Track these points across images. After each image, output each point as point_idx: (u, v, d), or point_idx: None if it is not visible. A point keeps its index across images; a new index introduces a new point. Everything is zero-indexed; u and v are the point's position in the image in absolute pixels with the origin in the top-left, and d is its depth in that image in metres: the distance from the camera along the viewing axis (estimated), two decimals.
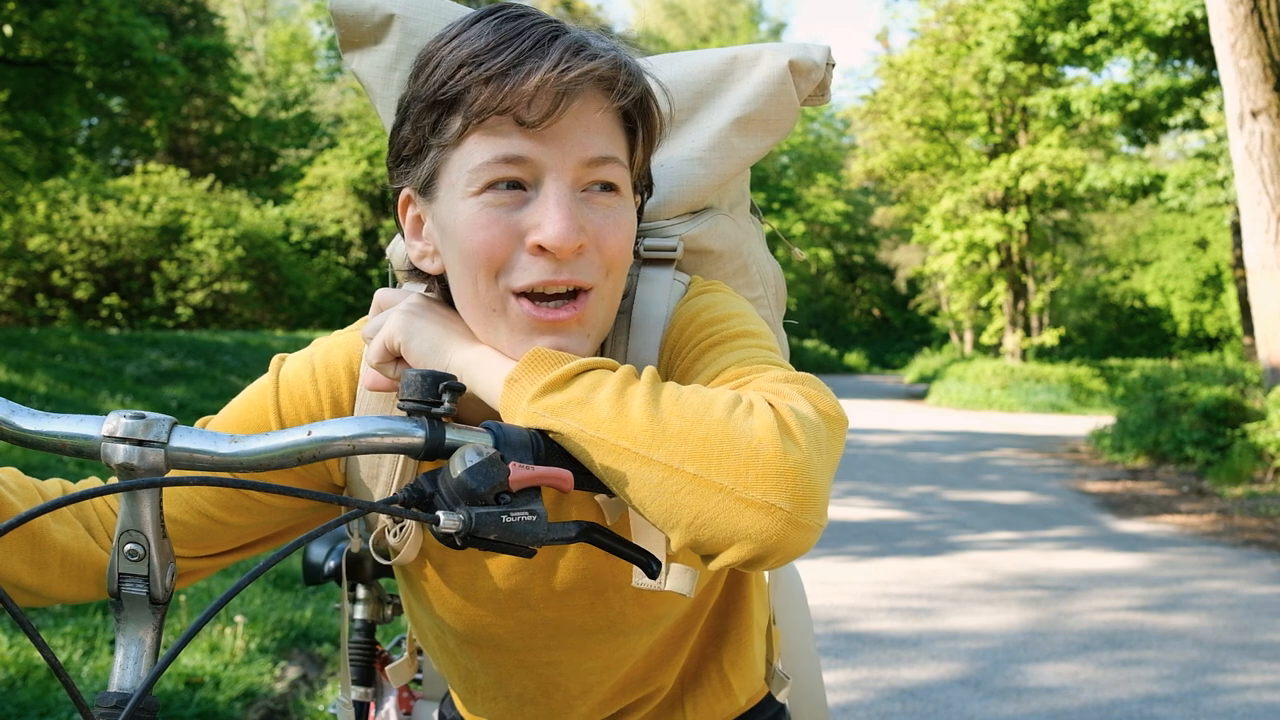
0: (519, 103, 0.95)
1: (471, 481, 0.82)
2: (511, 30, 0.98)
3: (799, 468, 0.85)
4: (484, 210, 0.98)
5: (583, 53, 0.97)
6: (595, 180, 1.00)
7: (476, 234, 0.98)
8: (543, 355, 0.94)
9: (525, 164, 0.97)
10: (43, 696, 3.43)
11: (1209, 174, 16.79)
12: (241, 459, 0.85)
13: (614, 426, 0.87)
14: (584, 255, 0.99)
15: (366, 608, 1.98)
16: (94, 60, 15.04)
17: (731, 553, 0.86)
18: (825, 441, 0.89)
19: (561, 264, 0.98)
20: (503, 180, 0.98)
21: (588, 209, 0.99)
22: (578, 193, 0.99)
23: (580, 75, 0.95)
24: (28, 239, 22.26)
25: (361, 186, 28.57)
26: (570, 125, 0.98)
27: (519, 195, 0.98)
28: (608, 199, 1.01)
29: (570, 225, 0.96)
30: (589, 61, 0.96)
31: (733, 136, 1.20)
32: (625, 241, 1.02)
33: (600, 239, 1.00)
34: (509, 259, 0.98)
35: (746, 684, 1.33)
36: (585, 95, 0.98)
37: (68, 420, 0.86)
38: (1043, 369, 24.12)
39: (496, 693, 1.24)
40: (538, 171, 0.98)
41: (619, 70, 0.99)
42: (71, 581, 1.04)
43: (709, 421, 0.87)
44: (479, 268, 0.99)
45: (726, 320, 1.06)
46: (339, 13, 1.21)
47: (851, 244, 43.86)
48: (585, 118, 0.98)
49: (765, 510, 0.84)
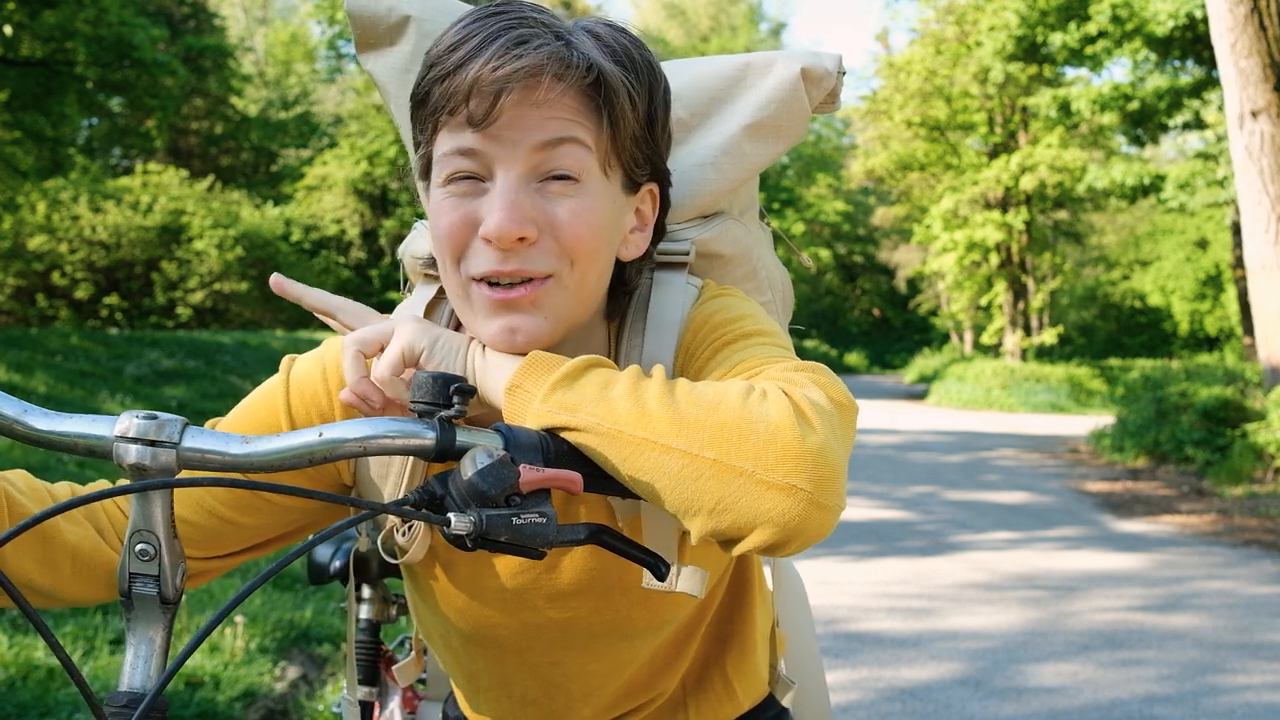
0: (460, 101, 0.98)
1: (482, 483, 0.82)
2: (474, 29, 1.00)
3: (818, 449, 0.85)
4: (446, 199, 1.02)
5: (517, 49, 0.97)
6: (550, 170, 1.01)
7: (440, 221, 1.03)
8: (541, 358, 0.95)
9: (477, 156, 1.00)
10: (43, 696, 3.44)
11: (1209, 174, 16.79)
12: (253, 460, 0.86)
13: (631, 419, 0.88)
14: (537, 245, 1.00)
15: (371, 607, 1.98)
16: (94, 60, 15.03)
17: (754, 537, 0.86)
18: (839, 426, 0.90)
19: (508, 254, 1.00)
20: (460, 173, 1.01)
21: (542, 199, 1.01)
22: (533, 183, 1.01)
23: (511, 72, 0.97)
24: (28, 239, 22.26)
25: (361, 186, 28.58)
26: (515, 116, 0.99)
27: (476, 186, 1.01)
28: (564, 187, 1.01)
29: (509, 216, 0.98)
30: (518, 60, 0.97)
31: (744, 142, 1.21)
32: (583, 228, 1.01)
33: (555, 228, 1.00)
34: (465, 246, 1.02)
35: (750, 688, 1.33)
36: (521, 89, 0.98)
37: (80, 420, 0.86)
38: (1043, 369, 24.11)
39: (500, 693, 1.25)
40: (489, 163, 1.01)
41: (548, 62, 0.98)
42: (82, 582, 1.04)
43: (726, 408, 0.87)
44: (444, 254, 1.03)
45: (739, 320, 1.08)
46: (356, 14, 1.22)
47: (851, 244, 43.86)
48: (531, 108, 0.99)
49: (787, 492, 0.84)
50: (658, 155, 1.09)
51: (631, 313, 1.13)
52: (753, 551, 0.88)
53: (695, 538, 0.89)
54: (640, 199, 1.10)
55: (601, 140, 1.03)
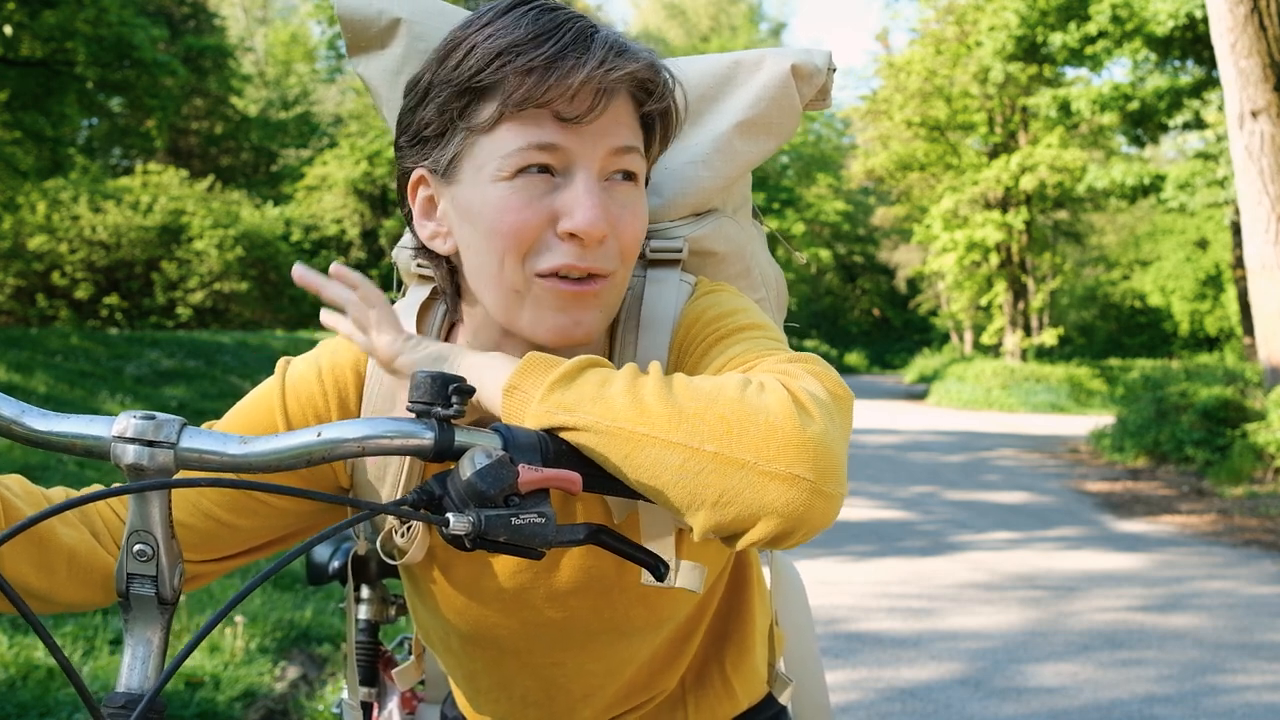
0: (561, 96, 0.98)
1: (481, 484, 0.82)
2: (550, 23, 0.99)
3: (818, 439, 0.86)
4: (515, 194, 1.00)
5: (625, 53, 1.00)
6: (618, 169, 1.03)
7: (507, 216, 1.00)
8: (538, 359, 0.95)
9: (558, 152, 1.00)
10: (43, 696, 3.43)
11: (1209, 174, 16.78)
12: (251, 460, 0.85)
13: (630, 415, 0.88)
14: (605, 243, 1.02)
15: (370, 608, 1.98)
16: (94, 60, 15.04)
17: (759, 529, 0.86)
18: (837, 415, 0.91)
19: (586, 250, 1.01)
20: (534, 165, 1.00)
21: (609, 198, 1.03)
22: (602, 181, 1.02)
23: (623, 75, 0.99)
24: (28, 239, 22.27)
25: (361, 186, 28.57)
26: (605, 120, 1.01)
27: (549, 180, 1.01)
28: (627, 188, 1.04)
29: (600, 214, 1.00)
30: (631, 62, 1.00)
31: (735, 140, 1.21)
32: (640, 231, 1.05)
33: (619, 227, 1.03)
34: (537, 242, 1.01)
35: (749, 686, 1.33)
36: (623, 94, 1.02)
37: (77, 420, 0.86)
38: (1043, 369, 24.11)
39: (499, 694, 1.25)
40: (569, 160, 1.01)
41: (656, 73, 1.03)
42: (79, 585, 1.04)
43: (724, 401, 0.88)
44: (508, 249, 1.01)
45: (732, 315, 1.08)
46: (346, 17, 1.21)
47: (851, 244, 43.85)
48: (617, 113, 1.02)
49: (790, 481, 0.84)
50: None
51: (624, 311, 1.13)
52: (757, 544, 0.88)
53: (699, 534, 0.89)
54: None
55: (652, 148, 1.08)
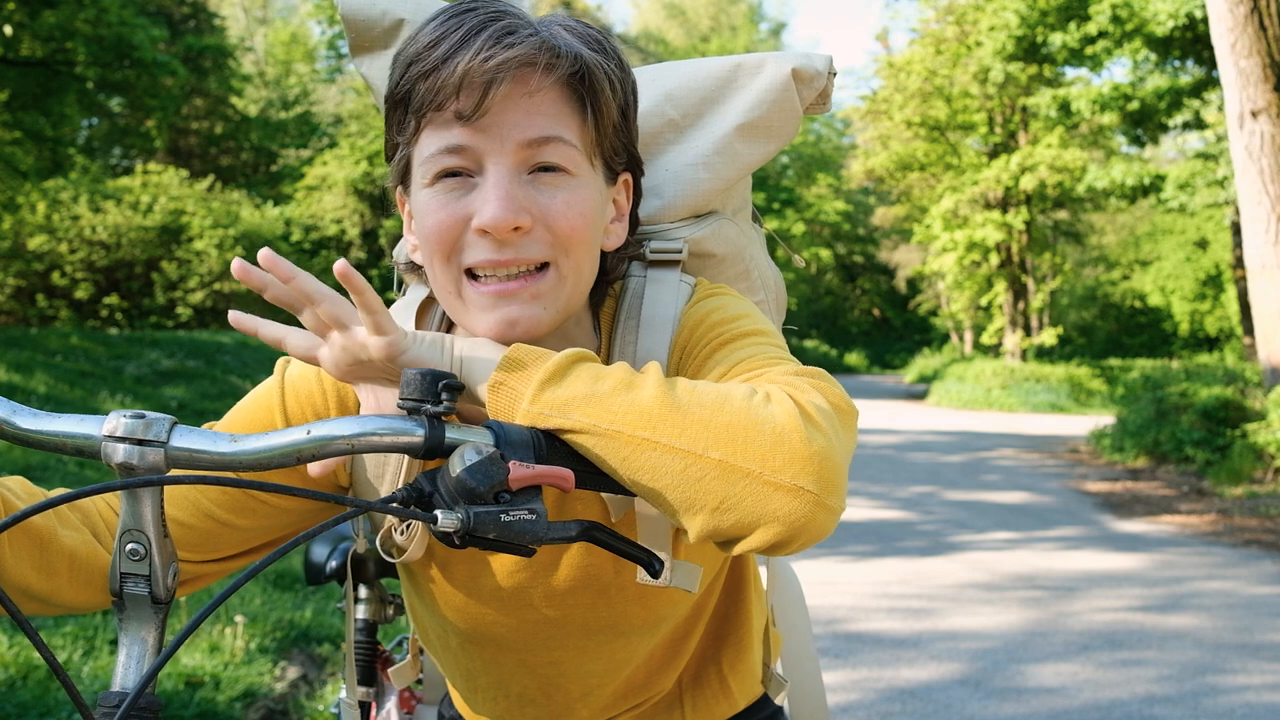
0: (449, 96, 0.99)
1: (470, 480, 0.82)
2: (452, 25, 1.01)
3: (823, 452, 0.86)
4: (434, 198, 1.03)
5: (505, 39, 0.99)
6: (539, 163, 1.02)
7: (428, 219, 1.03)
8: (521, 352, 0.94)
9: (466, 152, 1.01)
10: (43, 696, 3.43)
11: (1209, 174, 16.78)
12: (241, 458, 0.85)
13: (629, 418, 0.88)
14: (531, 234, 1.01)
15: (368, 608, 1.98)
16: (94, 60, 15.05)
17: (757, 536, 0.87)
18: (842, 430, 0.91)
19: (504, 244, 1.01)
20: (448, 170, 1.02)
21: (533, 190, 1.02)
22: (522, 175, 1.02)
23: (501, 62, 0.98)
24: (28, 239, 22.26)
25: (361, 186, 28.58)
26: (504, 110, 1.00)
27: (466, 182, 1.02)
28: (554, 179, 1.03)
29: (504, 206, 0.99)
30: (510, 49, 0.99)
31: (736, 142, 1.22)
32: (577, 219, 1.03)
33: (547, 218, 1.02)
34: (458, 241, 1.02)
35: (745, 687, 1.33)
36: (512, 80, 1.00)
37: (68, 420, 0.86)
38: (1043, 369, 24.11)
39: (497, 693, 1.25)
40: (479, 158, 1.01)
41: (540, 52, 1.00)
42: (80, 587, 1.04)
43: (730, 410, 0.88)
44: (434, 251, 1.03)
45: (735, 320, 1.08)
46: (350, 17, 1.22)
47: (851, 244, 43.85)
48: (517, 102, 1.01)
49: (794, 493, 0.85)
50: (632, 144, 1.12)
51: (624, 310, 1.13)
52: (753, 551, 0.88)
53: (694, 537, 0.89)
54: (617, 190, 1.12)
55: (586, 133, 1.05)
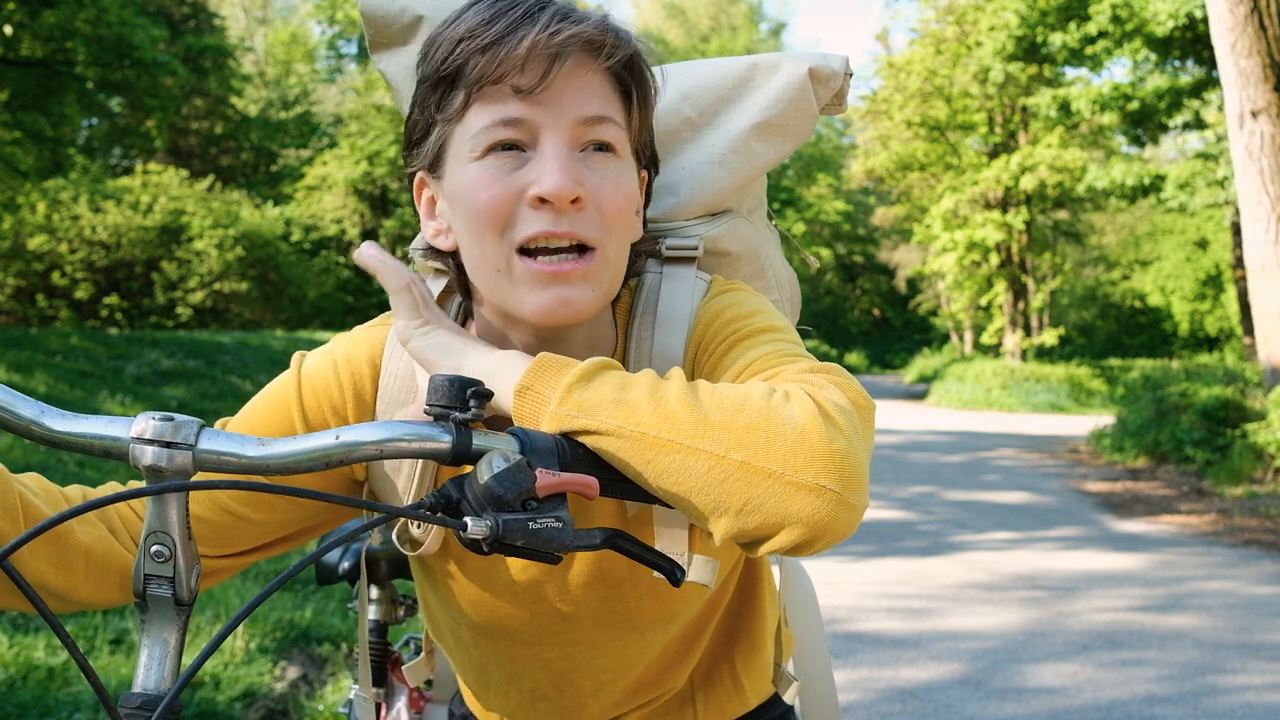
0: (513, 68, 1.00)
1: (498, 488, 0.83)
2: (505, 5, 1.02)
3: (844, 450, 0.86)
4: (486, 171, 1.02)
5: (570, 17, 1.01)
6: (591, 140, 1.03)
7: (480, 193, 1.02)
8: (550, 360, 0.94)
9: (523, 125, 1.01)
10: (43, 696, 3.44)
11: (1209, 174, 16.77)
12: (269, 462, 0.86)
13: (655, 421, 0.88)
14: (583, 210, 1.02)
15: (379, 608, 1.99)
16: (94, 60, 15.04)
17: (781, 537, 0.87)
18: (861, 427, 0.92)
19: (561, 215, 1.01)
20: (502, 142, 1.02)
21: (585, 168, 1.03)
22: (575, 152, 1.03)
23: (568, 38, 1.00)
24: (28, 239, 22.26)
25: (361, 186, 28.58)
26: (563, 87, 1.01)
27: (519, 156, 1.02)
28: (604, 159, 1.04)
29: (566, 175, 1.00)
30: (576, 25, 1.01)
31: (752, 141, 1.23)
32: (624, 201, 1.05)
33: (598, 196, 1.03)
34: (511, 215, 1.02)
35: (758, 685, 1.34)
36: (575, 57, 1.01)
37: (97, 422, 0.87)
38: (1043, 369, 24.11)
39: (509, 687, 1.25)
40: (535, 131, 1.02)
41: (606, 33, 1.03)
42: (96, 583, 1.05)
43: (750, 410, 0.88)
44: (485, 226, 1.02)
45: (751, 316, 1.09)
46: (369, 13, 1.23)
47: (851, 244, 43.83)
48: (577, 79, 1.02)
49: (816, 492, 0.85)
50: (653, 142, 1.14)
51: (640, 305, 1.14)
52: (777, 551, 0.88)
53: (719, 539, 0.89)
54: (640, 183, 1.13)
55: (631, 120, 1.07)
